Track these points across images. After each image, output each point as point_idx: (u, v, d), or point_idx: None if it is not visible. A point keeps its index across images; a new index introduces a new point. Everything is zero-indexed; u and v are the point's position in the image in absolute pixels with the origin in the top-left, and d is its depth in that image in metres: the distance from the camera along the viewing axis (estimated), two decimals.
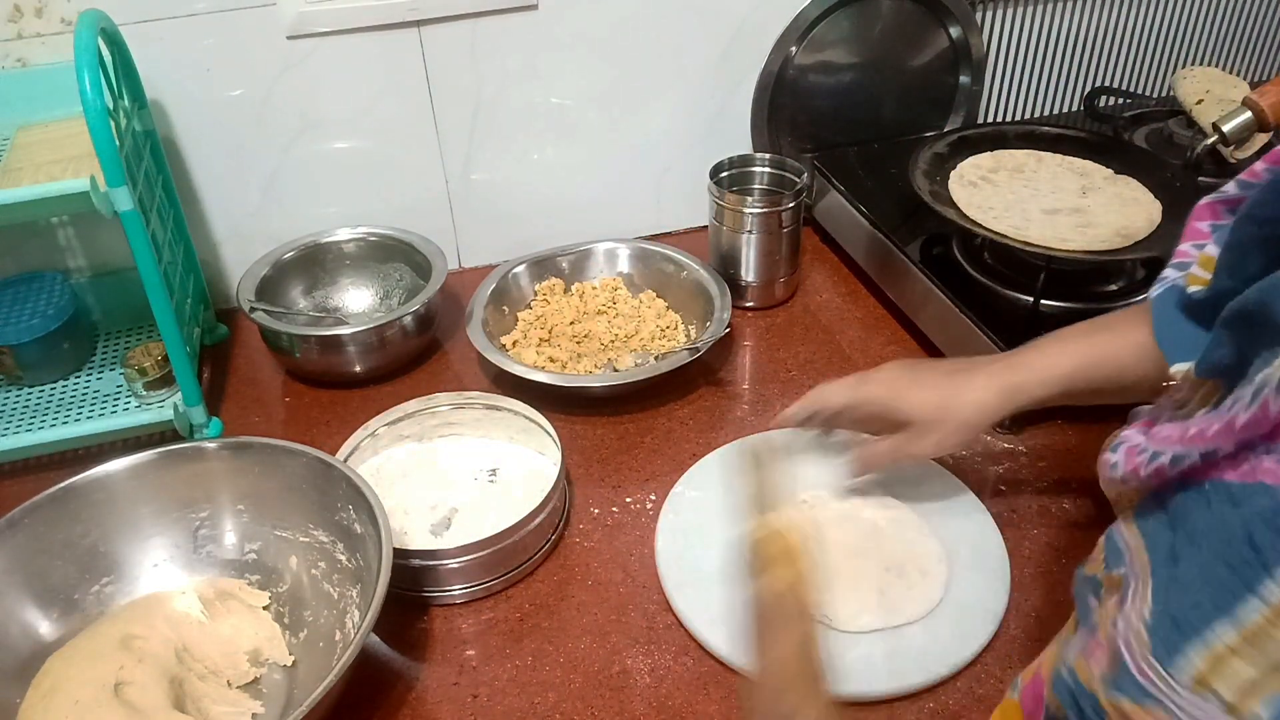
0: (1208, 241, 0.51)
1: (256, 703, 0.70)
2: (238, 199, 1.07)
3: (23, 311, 0.95)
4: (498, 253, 1.13)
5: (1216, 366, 0.43)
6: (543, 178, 1.14)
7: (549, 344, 1.00)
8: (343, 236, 1.07)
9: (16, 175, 0.83)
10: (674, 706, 0.68)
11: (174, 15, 0.95)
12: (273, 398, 0.99)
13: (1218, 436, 0.38)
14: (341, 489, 0.73)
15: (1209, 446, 0.39)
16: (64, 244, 1.03)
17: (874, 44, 1.15)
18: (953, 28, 1.17)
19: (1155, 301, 0.52)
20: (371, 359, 0.98)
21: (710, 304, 1.00)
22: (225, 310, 1.10)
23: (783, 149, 1.18)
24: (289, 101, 1.02)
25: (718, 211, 1.05)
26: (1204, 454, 0.39)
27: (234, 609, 0.75)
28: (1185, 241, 0.53)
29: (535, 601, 0.76)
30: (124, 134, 0.84)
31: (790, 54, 1.13)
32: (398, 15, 1.00)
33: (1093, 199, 0.97)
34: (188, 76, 0.99)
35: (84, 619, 0.73)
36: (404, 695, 0.70)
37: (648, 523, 0.82)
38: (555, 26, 1.05)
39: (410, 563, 0.74)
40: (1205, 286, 0.48)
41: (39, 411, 0.94)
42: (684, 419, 0.93)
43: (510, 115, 1.09)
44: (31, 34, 0.93)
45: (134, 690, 0.66)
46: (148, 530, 0.76)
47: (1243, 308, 0.41)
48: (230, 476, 0.77)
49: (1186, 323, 0.50)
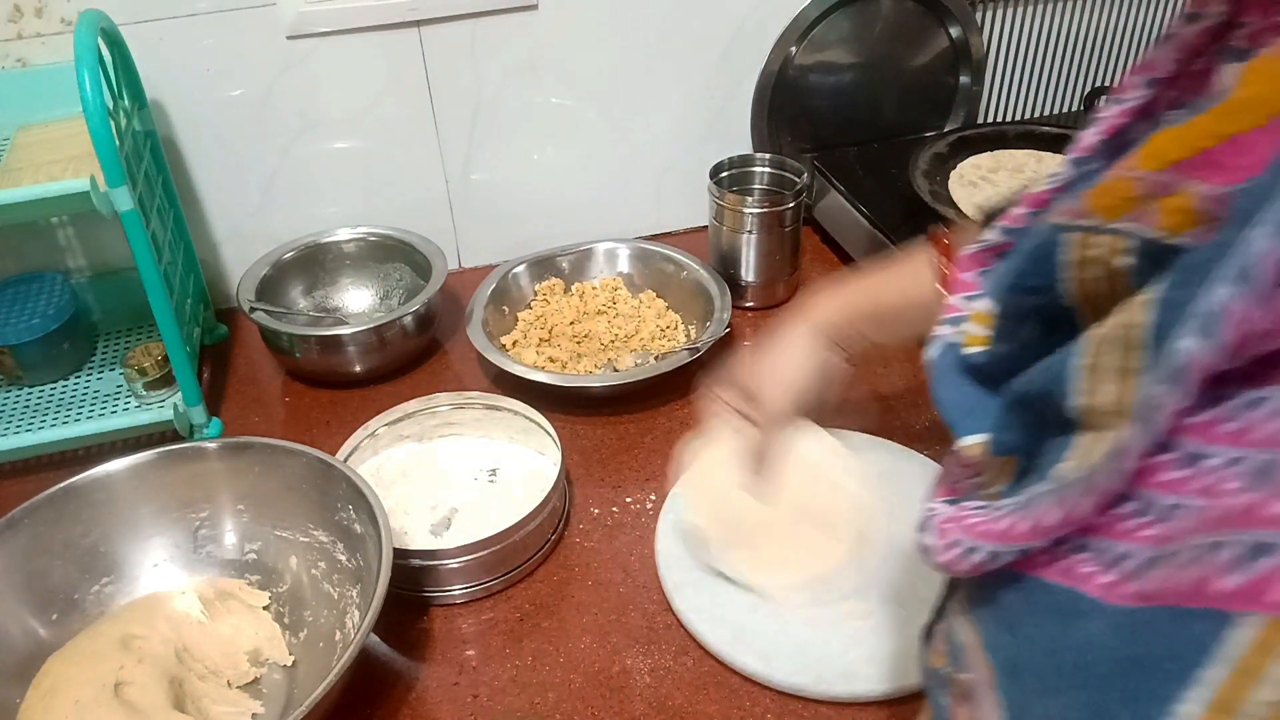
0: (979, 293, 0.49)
1: (256, 703, 0.70)
2: (238, 199, 1.07)
3: (23, 311, 0.95)
4: (498, 253, 1.13)
5: (1010, 448, 0.43)
6: (543, 178, 1.14)
7: (549, 344, 1.00)
8: (343, 236, 1.07)
9: (16, 175, 0.83)
10: (674, 706, 0.68)
11: (174, 15, 0.95)
12: (273, 398, 0.99)
13: (1028, 535, 0.38)
14: (341, 489, 0.73)
15: (1022, 545, 0.38)
16: (64, 244, 1.03)
17: (874, 44, 1.15)
18: (953, 28, 1.17)
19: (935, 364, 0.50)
20: (371, 359, 0.98)
21: (710, 304, 1.00)
22: (225, 310, 1.10)
23: (783, 149, 1.18)
24: (289, 101, 1.02)
25: (718, 211, 1.05)
26: (1019, 551, 0.39)
27: (234, 609, 0.75)
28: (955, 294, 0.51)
29: (535, 601, 0.76)
30: (124, 134, 0.84)
31: (790, 54, 1.13)
32: (398, 15, 1.00)
33: None
34: (188, 76, 0.99)
35: (84, 619, 0.73)
36: (404, 695, 0.70)
37: (648, 523, 0.82)
38: (555, 26, 1.05)
39: (410, 563, 0.74)
40: (984, 348, 0.46)
41: (39, 411, 0.94)
42: (684, 419, 0.93)
43: (510, 115, 1.09)
44: (31, 34, 0.93)
45: (134, 690, 0.66)
46: (148, 530, 0.76)
47: (1027, 393, 0.40)
48: (230, 476, 0.77)
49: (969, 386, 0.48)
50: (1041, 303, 0.42)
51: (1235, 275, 0.30)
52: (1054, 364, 0.38)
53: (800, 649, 0.69)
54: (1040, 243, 0.41)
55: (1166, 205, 0.35)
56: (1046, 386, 0.38)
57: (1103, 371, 0.36)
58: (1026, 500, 0.38)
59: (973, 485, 0.46)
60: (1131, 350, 0.34)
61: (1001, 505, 0.40)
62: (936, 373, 0.49)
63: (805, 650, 0.69)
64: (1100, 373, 0.36)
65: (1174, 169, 0.35)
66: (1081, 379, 0.36)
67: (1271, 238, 0.29)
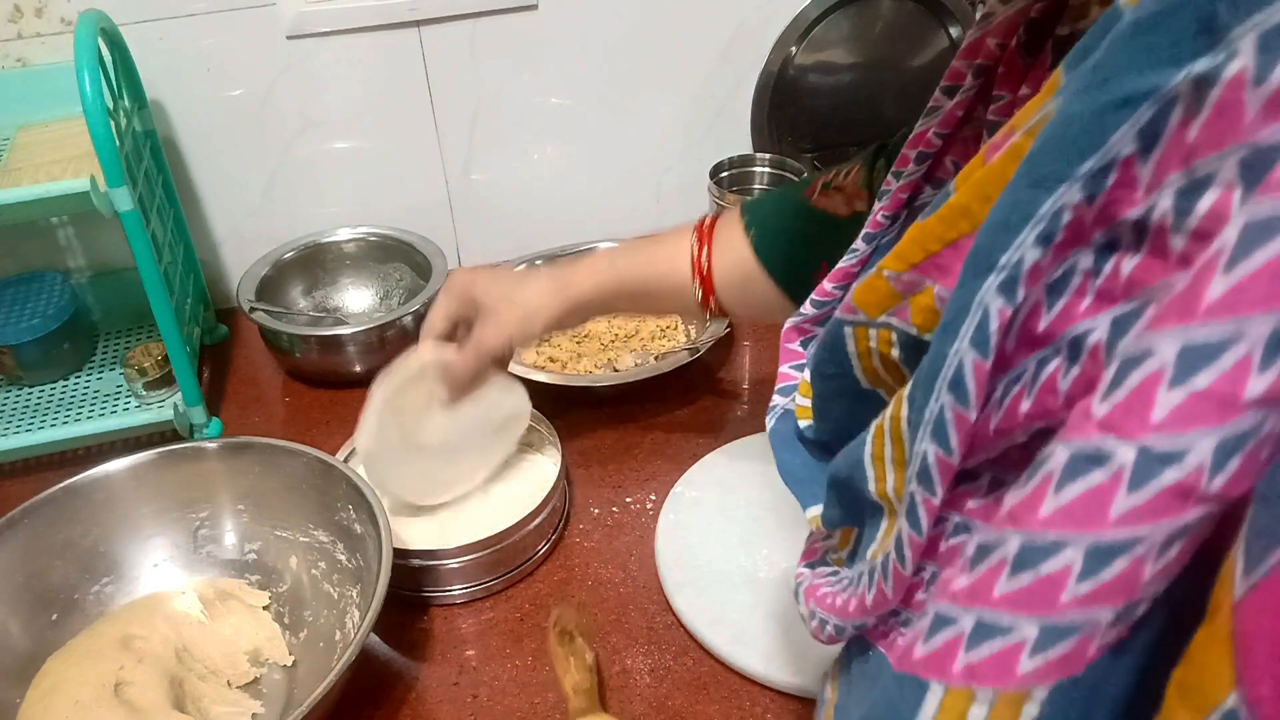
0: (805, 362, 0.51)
1: (256, 703, 0.70)
2: (238, 199, 1.07)
3: (23, 311, 0.95)
4: (498, 253, 1.13)
5: (837, 522, 0.44)
6: (543, 178, 1.14)
7: (549, 344, 1.00)
8: (343, 236, 1.08)
9: (16, 175, 0.83)
10: (674, 706, 0.68)
11: (174, 15, 0.95)
12: (273, 398, 0.99)
13: (858, 613, 0.39)
14: (341, 489, 0.73)
15: (856, 621, 0.39)
16: (64, 244, 1.03)
17: (874, 44, 1.15)
18: (953, 28, 1.17)
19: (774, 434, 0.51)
20: (371, 359, 0.98)
21: None
22: (225, 310, 1.10)
23: (783, 149, 1.18)
24: (289, 101, 1.02)
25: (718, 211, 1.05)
26: (856, 626, 0.40)
27: (234, 609, 0.75)
28: (784, 363, 0.53)
29: (535, 601, 0.76)
30: (124, 134, 0.84)
31: (790, 54, 1.13)
32: (398, 15, 1.00)
33: None
34: (188, 76, 0.99)
35: (84, 619, 0.73)
36: (404, 695, 0.70)
37: (648, 523, 0.82)
38: (555, 26, 1.05)
39: (410, 563, 0.74)
40: (810, 422, 0.48)
41: (39, 411, 0.94)
42: (684, 419, 0.93)
43: (510, 115, 1.09)
44: (31, 34, 0.93)
45: (134, 690, 0.66)
46: (148, 530, 0.76)
47: (838, 476, 0.41)
48: (230, 476, 0.77)
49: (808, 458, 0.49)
50: (842, 386, 0.43)
51: (949, 385, 0.31)
52: (854, 450, 0.39)
53: (800, 649, 0.69)
54: (830, 332, 0.43)
55: (916, 303, 0.37)
56: (849, 472, 0.40)
57: (884, 461, 0.37)
58: (855, 578, 0.40)
59: (826, 548, 0.47)
60: (897, 443, 0.36)
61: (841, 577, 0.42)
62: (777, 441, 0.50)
63: (805, 650, 0.69)
64: (882, 462, 0.37)
65: (915, 270, 0.36)
66: (870, 467, 0.38)
67: (969, 351, 0.30)
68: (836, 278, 0.49)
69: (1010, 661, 0.28)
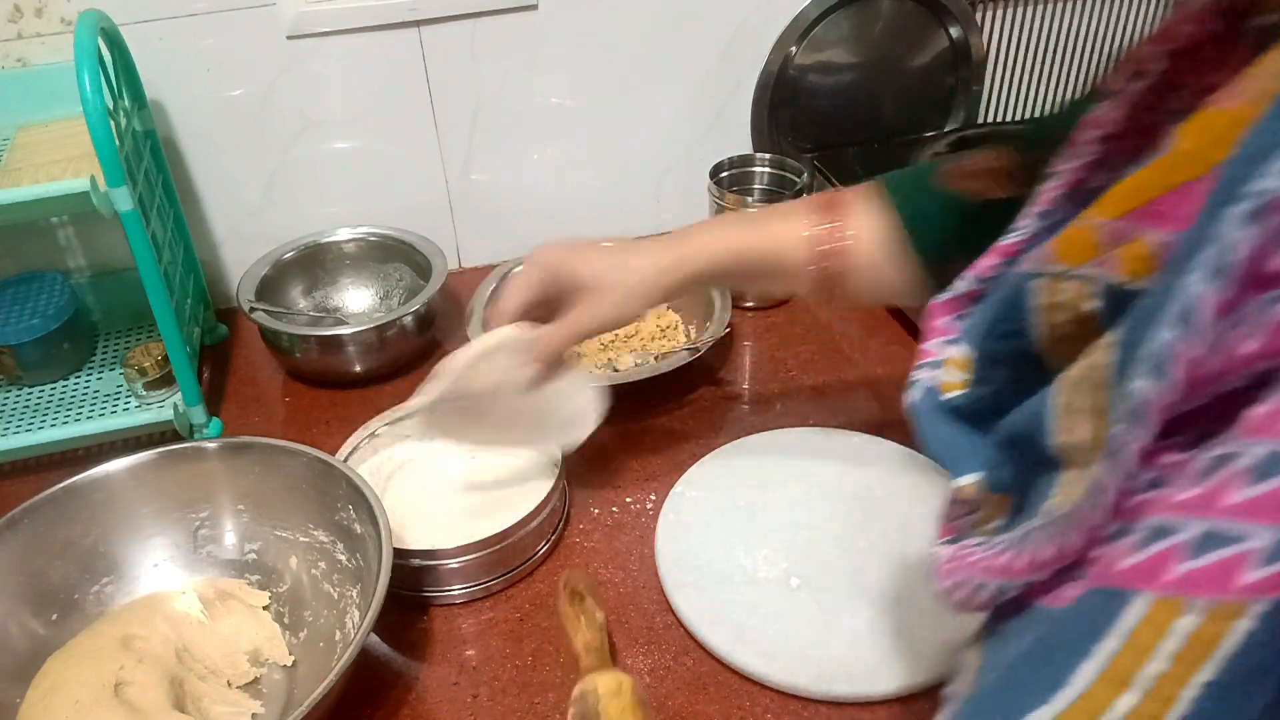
0: (956, 336, 0.51)
1: (256, 703, 0.70)
2: (238, 199, 1.07)
3: (23, 311, 0.95)
4: (498, 253, 1.13)
5: (1004, 485, 0.45)
6: (543, 178, 1.14)
7: None
8: (343, 236, 1.07)
9: (16, 175, 0.83)
10: (674, 706, 0.68)
11: (174, 15, 0.95)
12: (273, 398, 0.99)
13: (1027, 570, 0.39)
14: (341, 489, 0.73)
15: (1023, 580, 0.39)
16: (64, 244, 1.03)
17: (874, 44, 1.15)
18: (953, 28, 1.17)
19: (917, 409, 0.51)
20: (371, 359, 0.98)
21: (710, 304, 1.00)
22: (225, 310, 1.10)
23: (783, 149, 1.18)
24: (289, 101, 1.02)
25: (718, 211, 1.05)
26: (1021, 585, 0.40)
27: (234, 609, 0.75)
28: (929, 340, 0.53)
29: (535, 601, 0.76)
30: (124, 134, 0.84)
31: (790, 54, 1.13)
32: (398, 15, 1.00)
33: None
34: (188, 76, 0.99)
35: (84, 619, 0.73)
36: (404, 695, 0.70)
37: (648, 523, 0.82)
38: (555, 26, 1.05)
39: (410, 563, 0.74)
40: (963, 391, 0.48)
41: (39, 411, 0.94)
42: (684, 419, 0.93)
43: (510, 115, 1.09)
44: (31, 34, 0.93)
45: (134, 690, 0.66)
46: (148, 530, 0.76)
47: (1011, 433, 0.42)
48: (230, 476, 0.77)
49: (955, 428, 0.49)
50: (1014, 347, 0.44)
51: (1176, 318, 0.31)
52: (1033, 405, 0.40)
53: (800, 649, 0.69)
54: (1011, 290, 0.43)
55: (1125, 252, 0.37)
56: (1028, 427, 0.40)
57: (1076, 412, 0.37)
58: (1022, 536, 0.40)
59: (970, 523, 0.47)
60: (1099, 390, 0.36)
61: (998, 541, 0.42)
62: (921, 416, 0.51)
63: (805, 650, 0.69)
64: (1074, 413, 0.38)
65: (1129, 217, 0.37)
66: (1057, 419, 0.38)
67: (1204, 282, 0.31)
68: (999, 254, 0.49)
69: (1234, 571, 0.28)
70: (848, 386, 0.85)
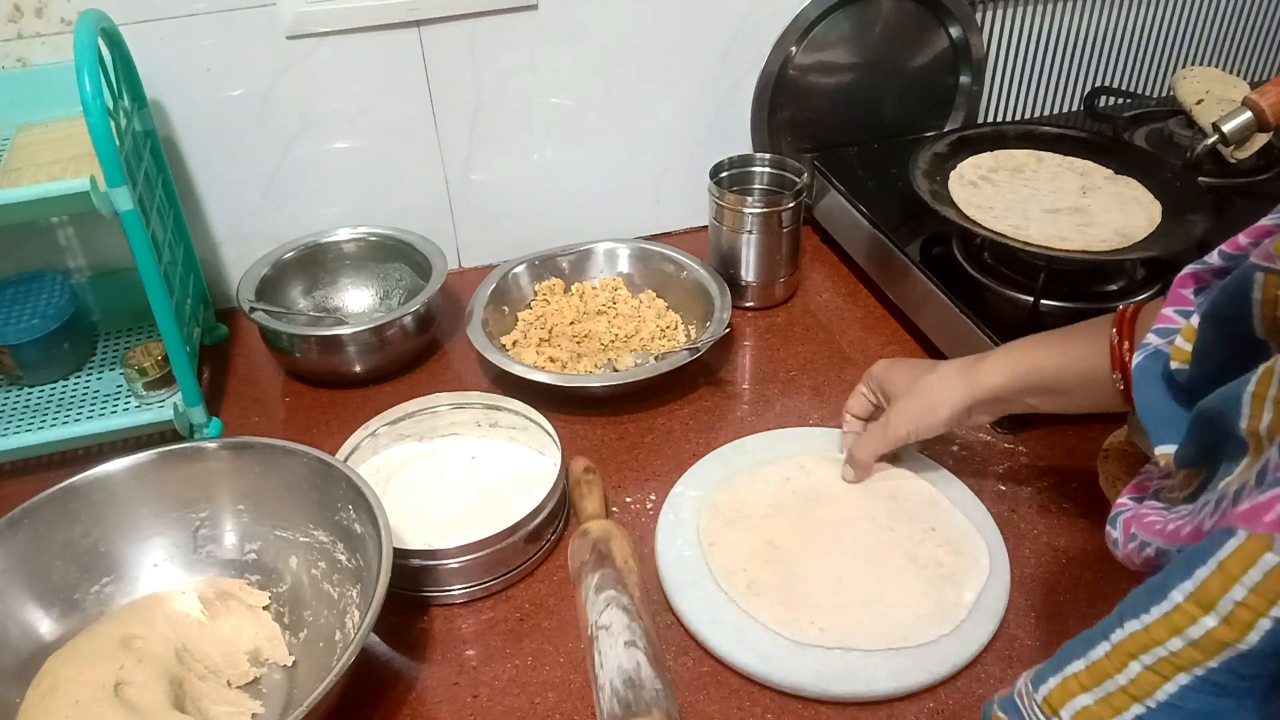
0: (1193, 310, 0.52)
1: (256, 703, 0.70)
2: (238, 199, 1.07)
3: (23, 311, 0.95)
4: (498, 253, 1.13)
5: (1191, 462, 0.47)
6: (543, 178, 1.14)
7: (549, 344, 1.00)
8: (343, 236, 1.07)
9: (16, 175, 0.83)
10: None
11: (174, 15, 0.95)
12: (273, 398, 0.99)
13: (1191, 537, 0.41)
14: (341, 489, 0.73)
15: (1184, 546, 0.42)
16: (64, 244, 1.03)
17: (874, 44, 1.15)
18: (953, 28, 1.17)
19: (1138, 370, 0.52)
20: (371, 359, 0.98)
21: (710, 304, 1.00)
22: (225, 310, 1.10)
23: (783, 149, 1.18)
24: (289, 101, 1.02)
25: (718, 211, 1.05)
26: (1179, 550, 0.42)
27: (234, 609, 0.75)
28: (1169, 306, 0.54)
29: (535, 601, 0.76)
30: (124, 134, 0.84)
31: (790, 54, 1.13)
32: (398, 15, 1.00)
33: (1093, 199, 0.97)
34: (188, 76, 0.99)
35: (84, 619, 0.73)
36: (404, 695, 0.70)
37: (648, 523, 0.82)
38: (555, 26, 1.05)
39: (410, 563, 0.74)
40: (1186, 366, 0.49)
41: (39, 411, 0.94)
42: (684, 419, 0.93)
43: (510, 115, 1.09)
44: (31, 34, 0.93)
45: (134, 690, 0.66)
46: (148, 530, 0.76)
47: (1207, 413, 0.44)
48: (230, 476, 0.77)
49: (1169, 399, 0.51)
50: (1234, 332, 0.45)
51: None
52: (1233, 388, 0.42)
53: (800, 649, 0.69)
54: (1238, 278, 0.45)
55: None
56: (1223, 408, 0.42)
57: (1265, 400, 0.40)
58: (1199, 509, 0.42)
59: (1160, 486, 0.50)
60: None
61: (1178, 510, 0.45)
62: (1141, 377, 0.52)
63: (805, 650, 0.69)
64: (1263, 400, 0.40)
65: None
66: (1249, 404, 0.41)
67: None
68: (1253, 234, 0.49)
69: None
70: (848, 386, 0.86)
